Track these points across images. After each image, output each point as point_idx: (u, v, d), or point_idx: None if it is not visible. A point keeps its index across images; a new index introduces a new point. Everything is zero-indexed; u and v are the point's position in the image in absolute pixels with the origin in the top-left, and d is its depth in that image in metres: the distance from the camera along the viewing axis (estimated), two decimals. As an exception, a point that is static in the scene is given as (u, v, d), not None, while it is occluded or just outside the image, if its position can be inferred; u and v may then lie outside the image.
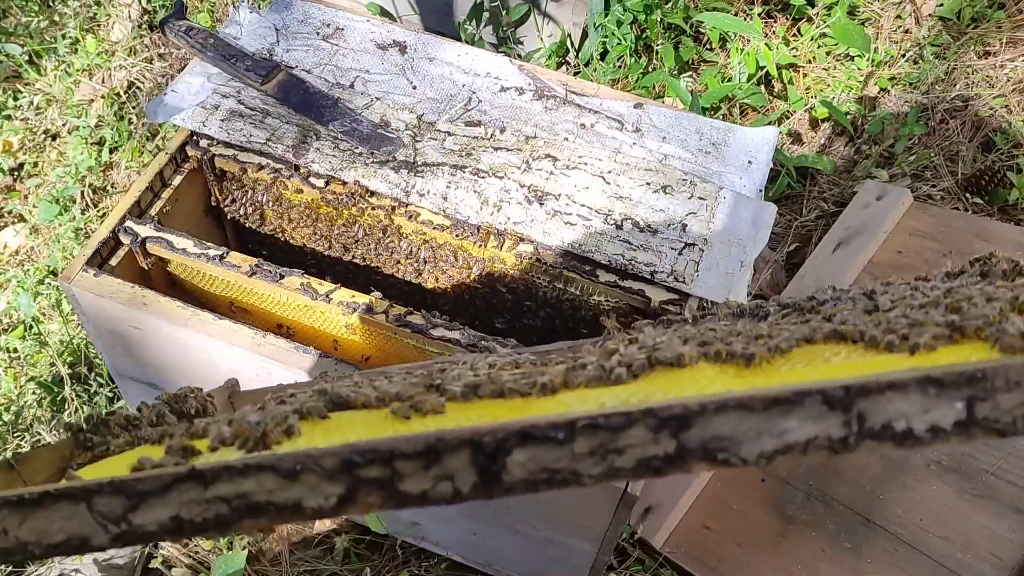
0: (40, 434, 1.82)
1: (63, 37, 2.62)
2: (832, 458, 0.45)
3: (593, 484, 0.46)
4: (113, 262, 1.37)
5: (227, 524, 0.46)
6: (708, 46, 2.49)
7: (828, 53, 2.46)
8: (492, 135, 1.47)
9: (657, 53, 2.42)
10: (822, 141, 2.36)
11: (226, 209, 1.56)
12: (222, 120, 1.45)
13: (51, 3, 2.74)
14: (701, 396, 0.46)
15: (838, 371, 0.57)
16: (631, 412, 0.45)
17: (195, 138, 1.46)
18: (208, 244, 1.35)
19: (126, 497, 0.46)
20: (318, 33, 1.60)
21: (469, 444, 0.45)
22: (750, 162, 1.47)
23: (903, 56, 2.43)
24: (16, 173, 2.40)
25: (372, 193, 1.40)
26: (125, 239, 1.37)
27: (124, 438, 0.74)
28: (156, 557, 1.68)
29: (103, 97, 2.47)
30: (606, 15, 2.31)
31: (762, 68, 2.36)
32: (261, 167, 1.44)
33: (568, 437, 0.45)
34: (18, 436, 1.83)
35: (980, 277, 0.80)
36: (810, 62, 2.46)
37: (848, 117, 2.31)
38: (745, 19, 2.43)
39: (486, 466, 0.45)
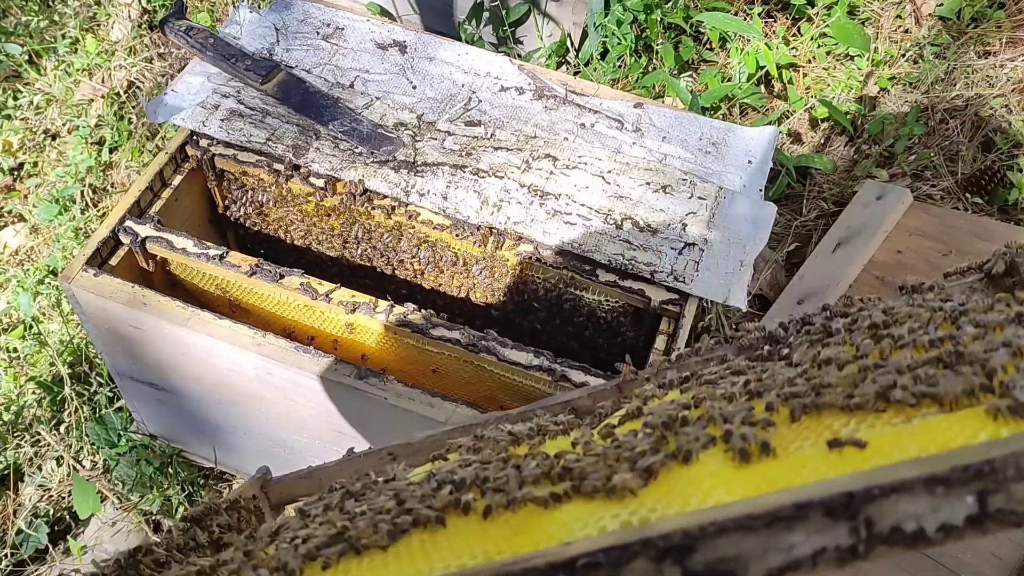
0: (40, 434, 1.82)
1: (63, 37, 2.62)
2: (845, 568, 0.44)
3: None
4: (113, 262, 1.37)
5: None
6: (708, 46, 2.49)
7: (828, 53, 2.46)
8: (492, 135, 1.47)
9: (657, 53, 2.42)
10: (822, 141, 2.36)
11: (226, 209, 1.56)
12: (222, 120, 1.45)
13: (51, 3, 2.73)
14: (701, 516, 0.45)
15: (843, 461, 0.54)
16: (630, 544, 0.45)
17: (195, 138, 1.46)
18: (208, 244, 1.35)
19: None
20: (318, 33, 1.60)
21: None
22: (750, 162, 1.47)
23: (903, 56, 2.43)
24: (16, 173, 2.40)
25: (372, 193, 1.40)
26: (125, 239, 1.37)
27: None
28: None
29: (103, 97, 2.47)
30: (606, 15, 2.31)
31: (762, 68, 2.36)
32: (261, 167, 1.44)
33: None
34: (18, 436, 1.83)
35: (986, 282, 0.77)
36: (810, 62, 2.46)
37: (848, 117, 2.31)
38: (745, 19, 2.43)
39: None
